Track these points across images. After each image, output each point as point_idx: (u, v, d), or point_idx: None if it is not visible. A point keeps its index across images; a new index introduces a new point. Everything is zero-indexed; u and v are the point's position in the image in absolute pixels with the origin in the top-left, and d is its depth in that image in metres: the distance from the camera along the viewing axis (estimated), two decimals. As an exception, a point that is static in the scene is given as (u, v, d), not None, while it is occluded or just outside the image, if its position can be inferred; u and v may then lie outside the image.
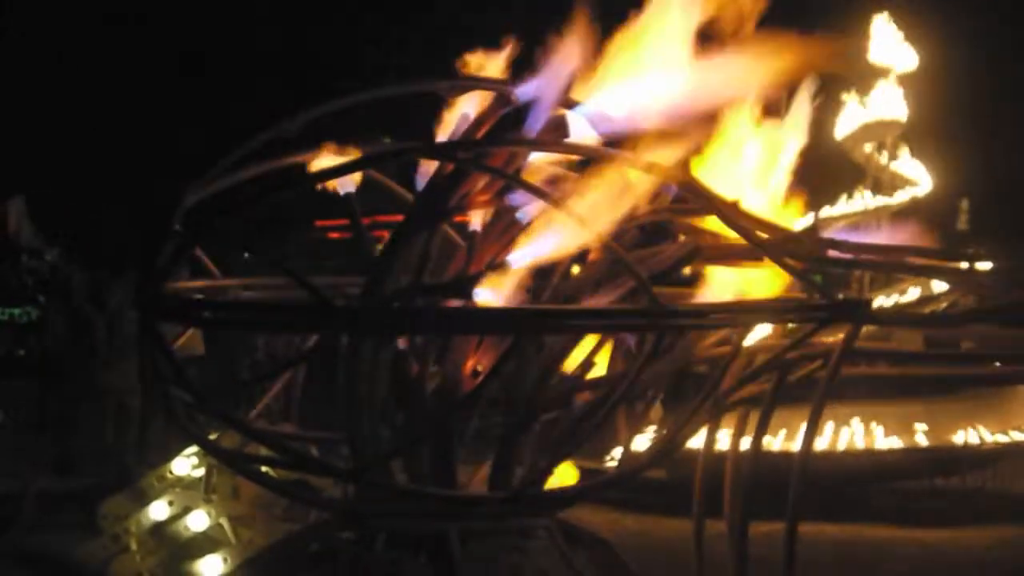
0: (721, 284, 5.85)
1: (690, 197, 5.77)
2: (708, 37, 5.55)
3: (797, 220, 6.25)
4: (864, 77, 17.34)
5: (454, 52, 6.42)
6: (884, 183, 17.05)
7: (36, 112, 37.62)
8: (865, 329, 6.10)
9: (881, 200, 16.75)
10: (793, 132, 6.14)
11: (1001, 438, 12.76)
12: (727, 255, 5.93)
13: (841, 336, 5.83)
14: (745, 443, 6.44)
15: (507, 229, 5.92)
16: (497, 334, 5.79)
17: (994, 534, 11.39)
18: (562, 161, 6.12)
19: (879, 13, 17.64)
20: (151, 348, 5.79)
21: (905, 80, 17.27)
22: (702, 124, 5.64)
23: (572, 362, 6.17)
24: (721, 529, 6.40)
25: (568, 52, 5.59)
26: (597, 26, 5.57)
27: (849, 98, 17.30)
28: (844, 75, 17.30)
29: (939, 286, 13.53)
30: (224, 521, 8.51)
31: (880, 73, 17.30)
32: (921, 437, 12.54)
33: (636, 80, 5.51)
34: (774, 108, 5.91)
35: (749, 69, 5.39)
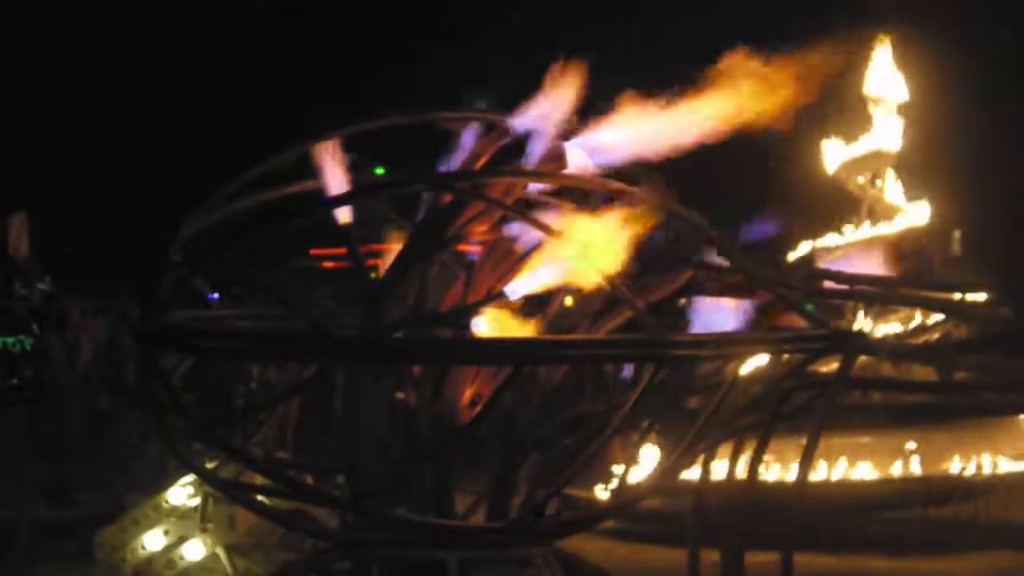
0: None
1: (685, 227, 5.80)
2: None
3: None
4: (858, 108, 17.40)
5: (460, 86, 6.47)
6: (878, 214, 17.09)
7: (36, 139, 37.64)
8: (861, 359, 6.13)
9: (875, 231, 16.78)
10: None
11: (995, 468, 12.79)
12: (723, 286, 5.97)
13: (836, 365, 5.86)
14: (740, 473, 6.47)
15: (505, 259, 5.95)
16: (494, 364, 5.82)
17: (988, 563, 11.40)
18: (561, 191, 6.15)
19: (874, 44, 17.71)
20: (150, 377, 5.81)
21: (899, 110, 17.33)
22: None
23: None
24: (716, 559, 6.42)
25: (565, 83, 5.63)
26: (592, 58, 5.61)
27: (843, 129, 17.35)
28: (839, 105, 17.40)
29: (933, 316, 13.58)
30: (220, 551, 8.52)
31: (874, 104, 17.35)
32: (915, 467, 12.57)
33: (629, 115, 5.53)
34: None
35: (736, 103, 5.41)
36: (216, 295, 11.30)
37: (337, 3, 42.78)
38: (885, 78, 17.57)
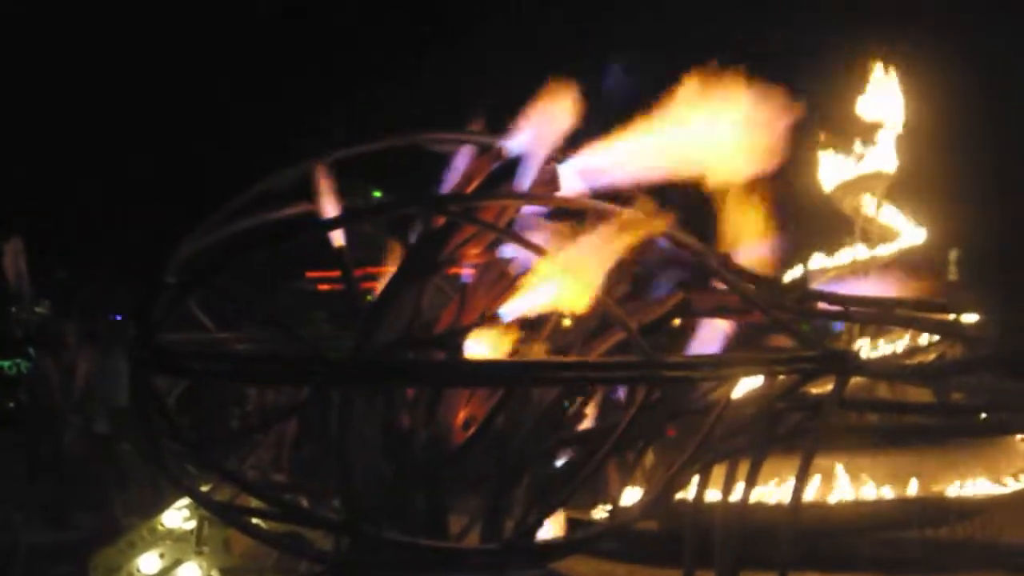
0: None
1: (679, 250, 5.81)
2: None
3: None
4: (854, 129, 17.41)
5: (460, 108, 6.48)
6: (873, 235, 17.10)
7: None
8: (855, 380, 6.14)
9: (870, 252, 16.79)
10: None
11: (991, 488, 12.78)
12: (716, 307, 5.98)
13: (830, 387, 5.87)
14: (735, 494, 6.46)
15: (498, 281, 5.96)
16: (488, 387, 5.82)
17: (984, 584, 11.43)
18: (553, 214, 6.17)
19: (872, 66, 17.75)
20: (144, 400, 5.82)
21: (896, 133, 17.34)
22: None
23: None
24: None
25: (557, 106, 5.64)
26: (584, 81, 5.63)
27: (839, 150, 17.36)
28: (834, 127, 17.42)
29: (928, 337, 13.58)
30: (215, 573, 8.53)
31: (871, 126, 17.36)
32: (911, 487, 12.56)
33: (622, 138, 5.55)
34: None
35: (728, 130, 5.42)
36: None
37: (336, 8, 42.93)
38: (882, 100, 17.59)
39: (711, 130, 5.48)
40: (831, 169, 17.36)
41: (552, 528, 6.32)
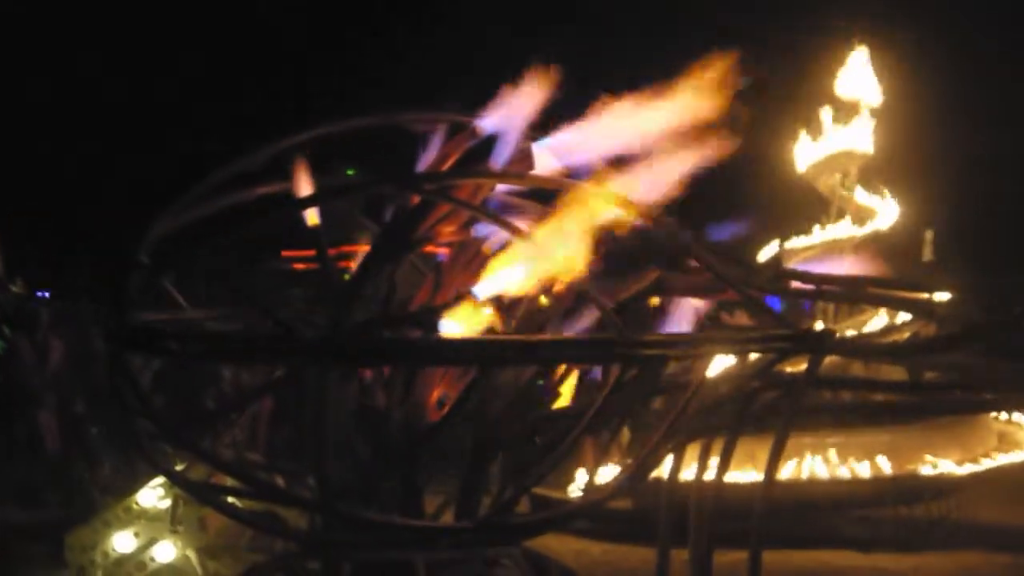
0: None
1: (653, 228, 5.80)
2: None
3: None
4: (830, 108, 17.43)
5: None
6: (848, 214, 17.13)
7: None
8: (830, 359, 6.15)
9: (845, 231, 16.83)
10: None
11: (965, 466, 12.84)
12: (690, 287, 5.98)
13: (805, 365, 5.87)
14: (709, 472, 6.48)
15: (473, 260, 5.96)
16: (462, 365, 5.82)
17: (958, 561, 11.47)
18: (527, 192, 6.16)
19: (848, 46, 17.77)
20: (119, 379, 5.80)
21: (872, 112, 17.36)
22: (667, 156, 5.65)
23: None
24: (686, 557, 6.43)
25: (532, 84, 5.63)
26: (559, 60, 5.62)
27: (814, 129, 17.38)
28: (809, 105, 17.45)
29: (903, 316, 13.62)
30: (190, 552, 8.52)
31: (846, 105, 17.39)
32: (885, 466, 12.61)
33: (596, 116, 5.54)
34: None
35: (699, 102, 5.41)
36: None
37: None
38: (858, 79, 17.62)
39: (685, 104, 5.47)
40: (806, 148, 17.39)
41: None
